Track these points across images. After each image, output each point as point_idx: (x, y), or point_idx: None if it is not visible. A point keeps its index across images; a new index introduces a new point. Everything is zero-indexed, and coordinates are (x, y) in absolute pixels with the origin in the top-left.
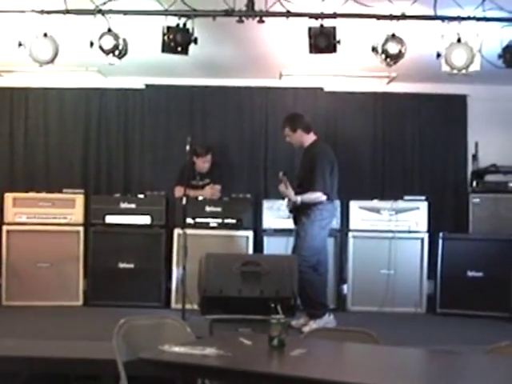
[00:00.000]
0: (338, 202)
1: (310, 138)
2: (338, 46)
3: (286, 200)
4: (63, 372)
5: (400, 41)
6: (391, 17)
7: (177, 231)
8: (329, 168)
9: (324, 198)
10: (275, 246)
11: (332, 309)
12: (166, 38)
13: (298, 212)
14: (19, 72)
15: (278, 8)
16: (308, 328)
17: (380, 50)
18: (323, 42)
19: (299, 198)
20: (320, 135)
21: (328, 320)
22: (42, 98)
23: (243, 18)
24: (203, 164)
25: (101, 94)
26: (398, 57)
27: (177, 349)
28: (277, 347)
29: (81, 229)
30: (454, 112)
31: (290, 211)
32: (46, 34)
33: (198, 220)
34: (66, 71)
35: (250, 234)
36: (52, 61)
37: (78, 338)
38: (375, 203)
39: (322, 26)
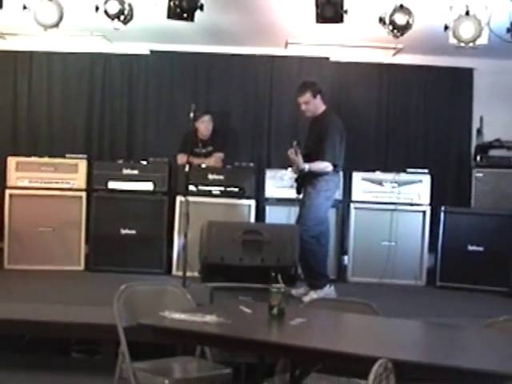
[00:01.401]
0: (341, 174)
1: (323, 106)
2: (345, 16)
3: (290, 169)
4: (64, 336)
5: (408, 12)
6: None
7: (179, 198)
8: (339, 138)
9: (331, 168)
10: (277, 215)
11: (332, 279)
12: (171, 3)
13: (304, 182)
14: (23, 35)
15: None
16: (308, 298)
17: (387, 21)
18: (330, 11)
19: (307, 166)
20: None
21: (328, 291)
22: (46, 63)
23: None
24: (204, 126)
25: (105, 59)
26: (405, 28)
27: (177, 315)
28: (276, 316)
29: (83, 194)
30: (459, 85)
31: (296, 180)
32: None
33: (200, 188)
34: (71, 36)
35: (252, 202)
36: (57, 25)
37: (78, 303)
38: (378, 175)
39: None
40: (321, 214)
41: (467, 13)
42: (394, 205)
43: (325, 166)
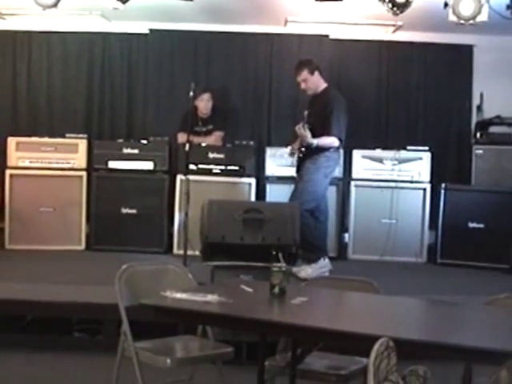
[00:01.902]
0: (341, 151)
1: (324, 83)
2: None
3: (289, 148)
4: (65, 316)
5: None
6: None
7: (179, 177)
8: (343, 114)
9: (338, 143)
10: (277, 194)
11: (333, 257)
12: None
13: (304, 157)
14: (22, 15)
15: None
16: (303, 273)
17: None
18: None
19: (316, 141)
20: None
21: (323, 264)
22: (45, 42)
23: None
24: (203, 104)
25: (104, 39)
26: (404, 5)
27: (178, 295)
28: (278, 295)
29: (84, 174)
30: (459, 62)
31: (299, 157)
32: None
33: (200, 166)
34: (70, 15)
35: (252, 181)
36: (55, 5)
37: (80, 283)
38: (378, 152)
39: None
40: (318, 189)
41: None
42: (394, 182)
43: (332, 140)
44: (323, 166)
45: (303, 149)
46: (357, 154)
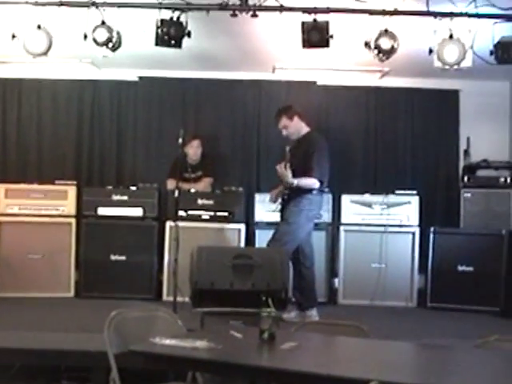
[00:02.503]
0: (328, 196)
1: (305, 127)
2: (331, 41)
3: (271, 195)
4: (54, 363)
5: (393, 36)
6: (384, 12)
7: (169, 223)
8: (325, 157)
9: (318, 185)
10: (267, 239)
11: (323, 302)
12: (159, 31)
13: (288, 200)
14: (13, 63)
15: (271, 2)
16: (286, 315)
17: (373, 45)
18: (316, 36)
19: (296, 181)
20: (314, 128)
21: (309, 314)
22: (36, 89)
23: (237, 13)
24: (193, 151)
25: (94, 86)
26: (390, 52)
27: (167, 341)
28: (267, 340)
29: (73, 220)
30: (446, 107)
31: (284, 198)
32: (39, 26)
33: (190, 212)
34: (60, 63)
35: (242, 226)
36: (46, 53)
37: (69, 330)
38: (367, 197)
39: (315, 20)
40: (300, 232)
41: (451, 36)
42: (383, 227)
43: (312, 182)
44: (306, 208)
45: (286, 191)
46: (345, 199)
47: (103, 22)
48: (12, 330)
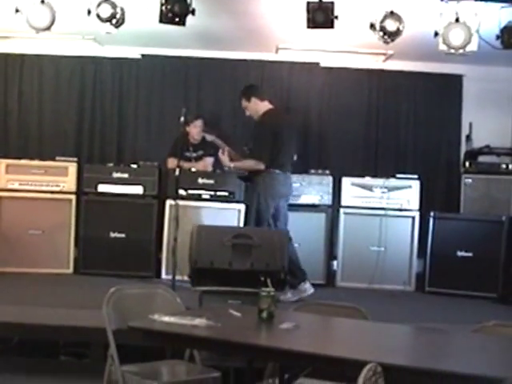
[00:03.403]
0: (328, 178)
1: (264, 107)
2: (336, 22)
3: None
4: (53, 339)
5: (398, 18)
6: None
7: (169, 202)
8: (270, 137)
9: (261, 167)
10: None
11: (321, 284)
12: (163, 8)
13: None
14: (15, 38)
15: None
16: (282, 297)
17: (378, 27)
18: (321, 17)
19: (232, 164)
20: (285, 106)
21: (303, 288)
22: (37, 65)
23: None
24: (196, 130)
25: (96, 63)
26: (395, 34)
27: (166, 318)
28: (266, 320)
29: (73, 197)
30: (449, 92)
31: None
32: (43, 1)
33: (190, 192)
34: (63, 39)
35: (241, 207)
36: (49, 28)
37: (67, 306)
38: (367, 180)
39: (320, 0)
40: (264, 216)
41: (457, 20)
42: (383, 210)
43: (249, 164)
44: (261, 188)
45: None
46: (346, 181)
47: None
48: (11, 305)
